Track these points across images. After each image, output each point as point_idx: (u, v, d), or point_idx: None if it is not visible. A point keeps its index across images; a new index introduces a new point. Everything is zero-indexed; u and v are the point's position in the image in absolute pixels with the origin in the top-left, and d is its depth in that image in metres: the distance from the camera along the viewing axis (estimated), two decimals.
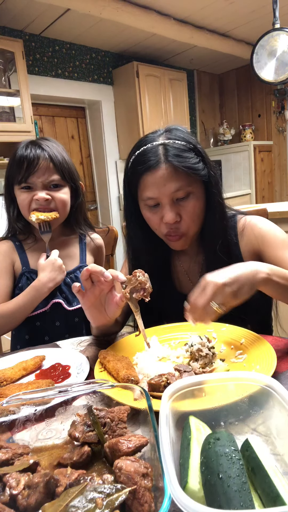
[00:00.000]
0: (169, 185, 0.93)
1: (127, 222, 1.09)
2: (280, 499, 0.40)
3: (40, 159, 1.10)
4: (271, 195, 5.33)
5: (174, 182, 0.93)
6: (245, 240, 1.04)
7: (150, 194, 0.95)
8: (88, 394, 0.58)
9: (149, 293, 0.82)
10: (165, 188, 0.93)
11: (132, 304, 0.83)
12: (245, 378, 0.55)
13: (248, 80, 5.22)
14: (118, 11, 3.12)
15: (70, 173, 1.17)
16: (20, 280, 1.19)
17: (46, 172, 1.11)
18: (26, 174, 1.10)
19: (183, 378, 0.54)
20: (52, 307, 1.18)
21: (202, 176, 0.95)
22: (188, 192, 0.95)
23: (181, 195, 0.94)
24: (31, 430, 0.55)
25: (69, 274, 1.22)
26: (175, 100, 4.36)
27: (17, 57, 3.04)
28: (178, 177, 0.92)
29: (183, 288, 1.12)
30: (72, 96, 3.88)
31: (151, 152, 0.94)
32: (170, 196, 0.94)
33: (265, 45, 2.75)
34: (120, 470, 0.40)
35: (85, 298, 0.85)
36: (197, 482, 0.43)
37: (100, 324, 0.91)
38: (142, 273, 0.82)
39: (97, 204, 4.48)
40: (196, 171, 0.93)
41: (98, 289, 0.85)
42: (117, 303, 0.86)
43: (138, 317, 0.84)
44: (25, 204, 1.14)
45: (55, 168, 1.12)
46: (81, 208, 1.26)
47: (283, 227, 1.07)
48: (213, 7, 3.40)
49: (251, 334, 0.85)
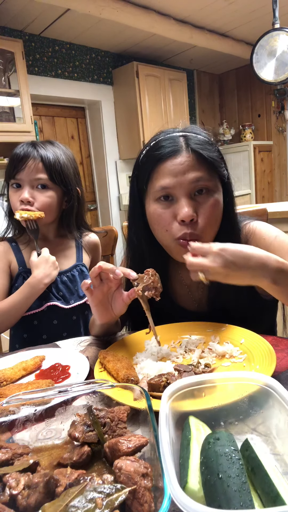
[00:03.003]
0: (189, 174, 0.83)
1: (129, 226, 1.02)
2: (280, 499, 0.40)
3: (29, 157, 1.11)
4: (271, 195, 5.33)
5: (196, 172, 0.83)
6: None
7: (165, 183, 0.85)
8: (88, 394, 0.58)
9: (160, 292, 0.83)
10: (185, 177, 0.84)
11: (143, 302, 0.83)
12: (245, 378, 0.55)
13: (248, 80, 5.22)
14: (117, 11, 3.12)
15: (63, 176, 1.16)
16: (16, 280, 1.19)
17: (34, 170, 1.12)
18: (15, 170, 1.12)
19: (183, 378, 0.54)
20: (48, 307, 1.19)
21: (222, 175, 0.89)
22: (208, 187, 0.85)
23: (200, 187, 0.85)
24: (31, 430, 0.55)
25: (65, 273, 1.23)
26: (175, 100, 4.36)
27: (17, 57, 3.04)
28: (201, 167, 0.84)
29: (183, 301, 1.06)
30: (72, 96, 3.88)
31: (170, 139, 0.86)
32: (189, 187, 0.84)
33: (265, 45, 2.76)
34: (120, 470, 0.40)
35: (94, 295, 0.85)
36: (197, 482, 0.43)
37: (105, 321, 0.91)
38: (154, 272, 0.83)
39: (97, 204, 4.48)
40: (219, 166, 0.87)
41: (106, 287, 0.85)
42: (124, 300, 0.85)
43: (149, 314, 0.84)
44: (13, 202, 1.16)
45: (44, 167, 1.13)
46: (72, 213, 1.24)
47: (283, 227, 1.06)
48: (213, 7, 3.40)
49: (251, 334, 0.85)
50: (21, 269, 1.20)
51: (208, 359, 0.79)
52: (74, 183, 1.21)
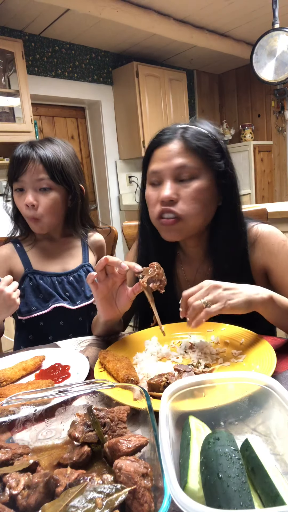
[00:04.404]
0: (175, 159, 0.89)
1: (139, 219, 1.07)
2: (279, 499, 0.40)
3: (28, 159, 1.10)
4: (271, 195, 5.33)
5: (181, 158, 0.89)
6: (257, 253, 0.99)
7: (155, 167, 0.92)
8: (88, 394, 0.58)
9: (164, 285, 0.84)
10: (170, 162, 0.90)
11: (148, 294, 0.84)
12: (245, 378, 0.55)
13: (248, 80, 5.22)
14: (117, 11, 3.12)
15: (65, 175, 1.15)
16: (23, 282, 1.18)
17: (35, 172, 1.11)
18: (16, 174, 1.12)
19: (183, 378, 0.54)
20: (54, 308, 1.18)
21: (216, 166, 0.92)
22: (193, 175, 0.90)
23: (185, 175, 0.90)
24: (31, 430, 0.55)
25: (72, 273, 1.22)
26: (175, 100, 4.36)
27: (16, 57, 3.04)
28: (187, 154, 0.89)
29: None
30: (72, 96, 3.88)
31: (169, 131, 0.94)
32: (174, 172, 0.90)
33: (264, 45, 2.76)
34: (120, 470, 0.40)
35: (98, 289, 0.86)
36: (197, 482, 0.43)
37: (109, 318, 0.91)
38: (158, 265, 0.84)
39: (97, 204, 4.48)
40: (210, 157, 0.91)
41: (111, 281, 0.86)
42: (128, 295, 0.86)
43: (153, 306, 0.85)
44: (19, 207, 1.16)
45: (45, 168, 1.12)
46: (77, 211, 1.24)
47: (283, 227, 1.06)
48: (213, 7, 3.40)
49: (251, 334, 0.85)
50: (27, 270, 1.18)
51: (208, 359, 0.79)
52: (77, 180, 1.20)
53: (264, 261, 0.99)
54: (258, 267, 0.99)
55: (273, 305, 0.81)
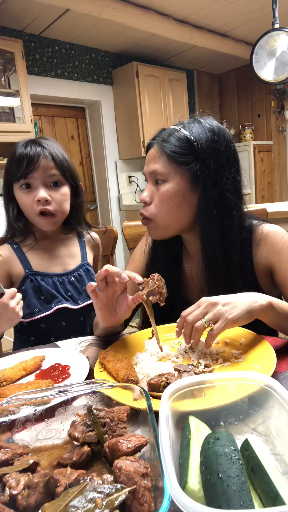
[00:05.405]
0: (151, 164, 0.98)
1: None
2: (279, 498, 0.40)
3: (40, 157, 1.10)
4: (271, 195, 5.33)
5: (154, 163, 0.97)
6: (261, 252, 0.99)
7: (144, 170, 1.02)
8: (88, 394, 0.58)
9: (165, 298, 0.83)
10: (148, 166, 0.99)
11: (148, 307, 0.83)
12: (245, 378, 0.55)
13: (247, 80, 5.22)
14: (117, 11, 3.11)
15: (71, 171, 1.17)
16: (23, 283, 1.16)
17: (47, 169, 1.11)
18: (26, 171, 1.10)
19: (183, 378, 0.54)
20: (57, 309, 1.18)
21: (190, 169, 0.93)
22: (163, 179, 0.96)
23: (159, 179, 0.97)
24: (31, 430, 0.55)
25: (72, 273, 1.22)
26: (175, 100, 4.35)
27: (16, 57, 3.04)
28: (159, 160, 0.96)
29: (189, 293, 1.11)
30: (72, 96, 3.88)
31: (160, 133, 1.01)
32: (150, 176, 0.99)
33: (264, 45, 2.75)
34: (119, 470, 0.40)
35: (98, 298, 0.85)
36: (197, 482, 0.43)
37: (109, 325, 0.91)
38: (159, 277, 0.83)
39: (97, 204, 4.48)
40: (180, 161, 0.93)
41: (111, 290, 0.85)
42: (128, 304, 0.86)
43: (153, 320, 0.84)
44: (27, 204, 1.13)
45: (56, 165, 1.12)
46: (82, 207, 1.26)
47: (283, 227, 1.06)
48: (213, 7, 3.40)
49: (251, 334, 0.85)
50: (27, 271, 1.17)
51: (208, 359, 0.79)
52: (78, 178, 1.22)
53: (269, 260, 0.99)
54: (262, 266, 1.00)
55: (273, 311, 0.81)
